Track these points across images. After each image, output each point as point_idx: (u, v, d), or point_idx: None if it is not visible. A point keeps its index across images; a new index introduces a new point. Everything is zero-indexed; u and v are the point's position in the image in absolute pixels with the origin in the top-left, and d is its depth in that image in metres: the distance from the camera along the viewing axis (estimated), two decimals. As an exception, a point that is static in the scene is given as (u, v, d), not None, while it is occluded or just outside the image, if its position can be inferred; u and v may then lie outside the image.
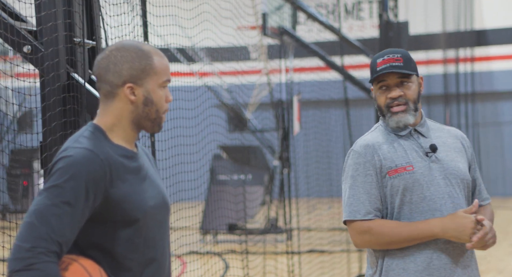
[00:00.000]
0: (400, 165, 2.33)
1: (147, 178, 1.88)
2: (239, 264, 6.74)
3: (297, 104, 7.13)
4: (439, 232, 2.27)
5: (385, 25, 8.74)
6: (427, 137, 2.40)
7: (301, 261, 6.69)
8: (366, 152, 2.35)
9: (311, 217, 9.76)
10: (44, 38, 2.63)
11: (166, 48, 7.63)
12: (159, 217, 1.88)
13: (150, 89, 1.87)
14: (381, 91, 2.37)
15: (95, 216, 1.79)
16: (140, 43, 1.91)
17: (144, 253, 1.83)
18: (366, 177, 2.33)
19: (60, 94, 2.59)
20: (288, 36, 8.35)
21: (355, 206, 2.33)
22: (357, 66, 10.32)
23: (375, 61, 2.38)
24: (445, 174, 2.36)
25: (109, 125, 1.87)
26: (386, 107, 2.36)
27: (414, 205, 2.31)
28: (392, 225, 2.30)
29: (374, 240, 2.31)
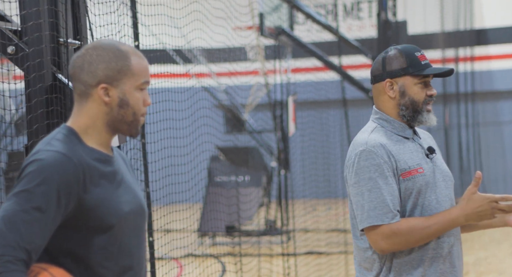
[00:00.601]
0: (412, 167, 2.25)
1: (123, 183, 1.82)
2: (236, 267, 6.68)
3: (292, 105, 7.07)
4: (463, 220, 2.21)
5: (383, 24, 8.69)
6: (421, 138, 2.35)
7: (297, 263, 6.62)
8: (382, 152, 2.23)
9: (308, 219, 9.70)
10: (27, 37, 2.56)
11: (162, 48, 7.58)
12: (135, 224, 1.82)
13: (126, 90, 1.79)
14: (421, 86, 2.27)
15: (67, 222, 1.72)
16: (118, 43, 1.84)
17: (118, 261, 1.76)
18: (387, 178, 2.22)
19: (44, 95, 2.52)
20: (286, 36, 8.29)
21: (381, 210, 2.20)
22: (355, 66, 10.26)
23: (413, 54, 2.28)
24: (443, 176, 2.32)
25: (83, 128, 1.80)
26: (424, 104, 2.27)
27: (425, 208, 2.24)
28: (417, 222, 2.21)
29: (404, 241, 2.20)
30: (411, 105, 2.28)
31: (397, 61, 2.28)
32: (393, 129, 2.31)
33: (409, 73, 2.26)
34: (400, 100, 2.29)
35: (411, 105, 2.28)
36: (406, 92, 2.29)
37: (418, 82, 2.28)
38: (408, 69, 2.26)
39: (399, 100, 2.29)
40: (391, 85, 2.29)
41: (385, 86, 2.29)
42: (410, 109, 2.29)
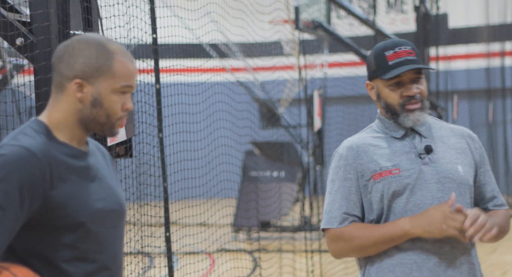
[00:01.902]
0: (385, 168, 2.14)
1: (97, 179, 1.75)
2: (268, 263, 6.63)
3: (318, 100, 6.95)
4: (409, 228, 2.07)
5: (422, 17, 8.48)
6: (426, 136, 2.20)
7: (324, 261, 6.52)
8: (348, 154, 2.18)
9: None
10: (36, 25, 2.56)
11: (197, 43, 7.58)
12: (110, 221, 1.75)
13: (101, 91, 1.72)
14: (393, 88, 2.15)
15: (33, 220, 1.66)
16: (108, 41, 1.76)
17: (91, 260, 1.70)
18: (345, 181, 2.17)
19: (48, 87, 2.51)
20: (322, 30, 8.17)
21: (332, 213, 2.16)
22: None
23: (382, 54, 2.14)
24: (438, 178, 2.15)
25: (55, 122, 1.74)
26: (401, 106, 2.15)
27: (399, 211, 2.12)
28: (364, 227, 2.13)
29: (347, 246, 2.13)
30: (387, 108, 2.19)
31: (370, 63, 2.20)
32: (385, 129, 2.21)
33: (376, 76, 2.17)
34: (379, 103, 2.21)
35: (387, 107, 2.19)
36: (380, 95, 2.20)
37: (387, 84, 2.15)
38: (376, 72, 2.16)
39: (378, 102, 2.21)
40: (372, 88, 2.21)
41: (367, 88, 2.23)
42: (389, 112, 2.19)
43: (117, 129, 1.76)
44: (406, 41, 2.20)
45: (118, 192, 1.80)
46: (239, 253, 7.72)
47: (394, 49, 2.15)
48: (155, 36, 3.70)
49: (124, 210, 1.81)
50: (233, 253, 7.54)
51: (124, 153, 3.00)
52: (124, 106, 1.75)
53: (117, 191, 1.80)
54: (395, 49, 2.15)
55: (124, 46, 3.47)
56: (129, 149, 2.98)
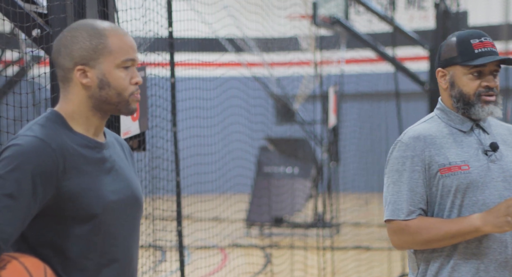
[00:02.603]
0: (454, 163, 2.09)
1: (113, 171, 1.73)
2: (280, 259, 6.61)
3: (333, 96, 6.90)
4: (480, 225, 2.02)
5: (442, 15, 8.37)
6: (489, 133, 2.16)
7: (336, 258, 6.49)
8: (416, 145, 2.11)
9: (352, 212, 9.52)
10: (52, 16, 2.55)
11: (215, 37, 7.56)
12: (124, 214, 1.73)
13: (105, 70, 1.70)
14: (473, 77, 2.11)
15: (46, 210, 1.65)
16: (96, 22, 1.75)
17: (102, 253, 1.69)
18: (413, 173, 2.10)
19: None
20: (340, 25, 8.11)
21: (398, 205, 2.11)
22: (412, 58, 9.95)
23: (468, 42, 2.11)
24: (504, 176, 2.12)
25: (70, 113, 1.73)
26: (477, 96, 2.11)
27: (465, 208, 2.08)
28: (431, 221, 2.08)
29: (411, 239, 2.10)
30: (461, 97, 2.14)
31: (449, 50, 2.14)
32: (449, 121, 2.16)
33: (457, 62, 2.12)
34: (451, 92, 2.15)
35: (460, 97, 2.14)
36: (455, 83, 2.14)
37: (468, 72, 2.11)
38: (457, 58, 2.12)
39: (450, 91, 2.15)
40: (443, 75, 2.16)
41: (437, 75, 2.18)
42: (461, 101, 2.14)
43: (133, 105, 1.74)
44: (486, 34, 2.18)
45: (135, 184, 1.79)
46: (251, 248, 7.71)
47: (480, 39, 2.13)
48: (171, 29, 3.68)
49: (141, 203, 1.80)
50: (245, 249, 7.53)
51: (138, 146, 2.99)
52: (132, 80, 1.73)
53: (134, 183, 1.79)
54: (481, 38, 2.13)
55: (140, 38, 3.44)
56: (142, 143, 2.97)
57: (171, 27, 3.67)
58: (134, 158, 1.90)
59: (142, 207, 1.81)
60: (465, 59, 2.10)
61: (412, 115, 10.06)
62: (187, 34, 4.53)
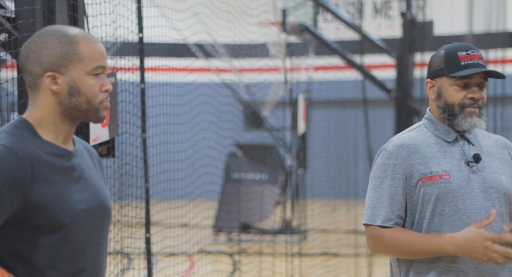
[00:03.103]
0: (435, 172, 2.12)
1: (82, 179, 1.71)
2: (248, 266, 6.61)
3: (302, 103, 6.96)
4: (451, 250, 2.08)
5: (408, 24, 8.52)
6: (474, 144, 2.19)
7: (305, 265, 6.52)
8: (399, 153, 2.16)
9: (320, 219, 9.57)
10: (20, 21, 2.52)
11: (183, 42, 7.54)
12: (92, 223, 1.71)
13: (75, 77, 1.69)
14: (459, 88, 2.14)
15: (14, 221, 1.62)
16: (65, 28, 1.73)
17: (71, 263, 1.66)
18: (394, 180, 2.15)
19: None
20: (309, 33, 8.18)
21: (377, 210, 2.16)
22: (379, 66, 10.09)
23: (455, 54, 2.14)
24: (485, 187, 2.14)
25: (38, 120, 1.70)
26: (461, 107, 2.14)
27: (446, 217, 2.11)
28: (405, 235, 2.12)
29: (385, 248, 2.15)
30: (446, 108, 2.17)
31: (438, 61, 2.19)
32: (435, 131, 2.20)
33: (444, 73, 2.16)
34: (438, 102, 2.19)
35: (446, 107, 2.17)
36: (442, 94, 2.18)
37: (454, 83, 2.15)
38: (444, 69, 2.16)
39: (437, 101, 2.19)
40: (432, 86, 2.21)
41: (426, 86, 2.22)
42: (446, 112, 2.18)
43: (103, 113, 1.73)
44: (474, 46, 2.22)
45: (103, 193, 1.77)
46: (219, 255, 7.69)
47: (468, 51, 2.16)
48: (141, 35, 3.67)
49: (109, 211, 1.78)
50: (213, 256, 7.51)
51: (107, 153, 2.96)
52: (103, 87, 1.72)
53: (103, 192, 1.77)
54: (469, 51, 2.16)
55: (110, 44, 3.42)
56: (111, 149, 2.94)
57: (141, 33, 3.65)
58: (103, 165, 1.88)
59: (111, 216, 1.79)
60: (452, 70, 2.15)
61: (379, 123, 10.19)
62: (158, 40, 4.52)
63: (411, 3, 8.44)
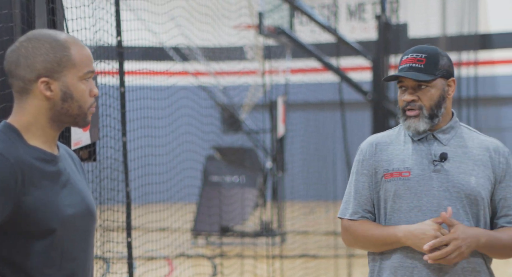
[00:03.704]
0: (396, 169, 2.20)
1: (68, 184, 1.72)
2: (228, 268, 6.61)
3: (282, 106, 7.00)
4: (402, 237, 2.15)
5: (383, 26, 8.60)
6: (445, 144, 2.21)
7: (286, 267, 6.55)
8: (368, 150, 2.26)
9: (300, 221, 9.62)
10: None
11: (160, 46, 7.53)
12: (81, 227, 1.72)
13: (68, 83, 1.69)
14: (401, 91, 2.23)
15: (4, 226, 1.61)
16: (55, 33, 1.74)
17: (61, 268, 1.66)
18: (361, 176, 2.25)
19: (8, 89, 2.45)
20: (285, 36, 8.22)
21: (347, 204, 2.27)
22: (355, 68, 10.17)
23: (401, 58, 2.22)
24: (446, 186, 2.17)
25: (25, 125, 1.70)
26: (402, 109, 2.22)
27: (403, 214, 2.17)
28: (368, 226, 2.21)
29: (352, 239, 2.25)
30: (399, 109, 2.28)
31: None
32: (408, 130, 2.25)
33: (389, 80, 2.25)
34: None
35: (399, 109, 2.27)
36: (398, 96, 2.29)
37: (399, 87, 2.23)
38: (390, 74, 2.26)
39: None
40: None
41: None
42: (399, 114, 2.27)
43: (89, 117, 1.75)
44: (428, 48, 2.22)
45: (88, 197, 1.77)
46: (199, 259, 7.68)
47: (408, 55, 2.21)
48: (120, 38, 3.66)
49: (95, 215, 1.78)
50: (193, 259, 7.49)
51: (88, 157, 2.95)
52: (92, 92, 1.74)
53: (87, 196, 1.77)
54: (409, 55, 2.21)
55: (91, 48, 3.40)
56: (93, 153, 2.93)
57: (120, 36, 3.64)
58: (84, 169, 1.88)
59: (96, 220, 1.80)
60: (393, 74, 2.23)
61: (357, 124, 10.26)
62: (137, 43, 4.51)
63: (385, 6, 8.53)
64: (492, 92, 13.44)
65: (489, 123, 13.40)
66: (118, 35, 3.63)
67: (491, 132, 14.57)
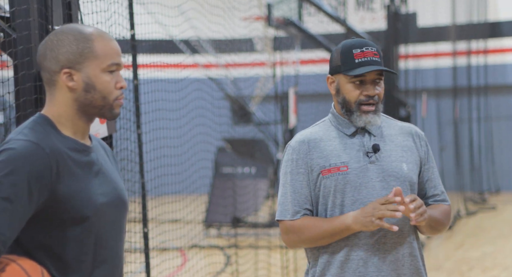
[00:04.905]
0: (334, 164, 2.20)
1: (101, 173, 1.77)
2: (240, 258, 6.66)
3: (293, 97, 7.02)
4: (350, 223, 2.15)
5: (392, 16, 8.60)
6: (375, 135, 2.25)
7: (297, 256, 6.60)
8: (300, 148, 2.23)
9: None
10: (15, 22, 2.54)
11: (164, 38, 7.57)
12: (113, 216, 1.77)
13: (90, 74, 1.74)
14: (354, 85, 2.20)
15: (40, 214, 1.68)
16: (82, 26, 1.79)
17: (94, 254, 1.73)
18: (297, 175, 2.23)
19: (32, 82, 2.50)
20: (294, 27, 8.23)
21: (285, 206, 2.24)
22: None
23: (350, 51, 2.19)
24: (383, 176, 2.21)
25: (56, 116, 1.76)
26: (357, 105, 2.21)
27: (346, 207, 2.19)
28: (312, 221, 2.21)
29: (297, 238, 2.22)
30: (344, 104, 2.24)
31: (335, 58, 2.25)
32: (338, 125, 2.27)
33: (340, 71, 2.22)
34: (337, 98, 2.25)
35: (344, 103, 2.24)
36: (340, 90, 2.24)
37: (350, 81, 2.20)
38: (341, 67, 2.22)
39: (336, 97, 2.26)
40: (332, 82, 2.26)
41: (328, 81, 2.28)
42: (345, 108, 2.24)
43: (117, 109, 1.78)
44: (373, 43, 2.26)
45: (120, 186, 1.82)
46: (212, 249, 7.74)
47: (362, 48, 2.20)
48: (133, 32, 3.70)
49: (127, 204, 1.83)
50: (206, 250, 7.56)
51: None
52: (117, 84, 1.77)
53: (120, 186, 1.82)
54: (363, 48, 2.20)
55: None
56: (110, 146, 2.98)
57: (133, 29, 3.69)
58: (117, 160, 1.93)
59: (128, 209, 1.85)
60: (347, 68, 2.19)
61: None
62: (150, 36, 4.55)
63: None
64: (502, 80, 13.38)
65: (500, 111, 13.36)
66: (132, 29, 3.68)
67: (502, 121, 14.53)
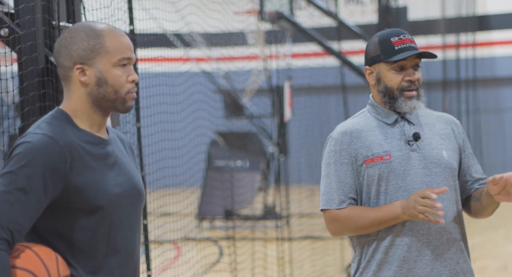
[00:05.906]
0: (377, 154, 2.26)
1: (116, 165, 1.83)
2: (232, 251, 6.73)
3: (288, 90, 7.08)
4: (399, 212, 2.20)
5: (383, 10, 8.67)
6: (414, 124, 2.32)
7: (292, 248, 6.67)
8: (343, 139, 2.29)
9: (305, 204, 9.74)
10: (20, 19, 2.57)
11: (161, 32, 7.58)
12: (127, 206, 1.83)
13: (102, 69, 1.81)
14: (395, 72, 2.27)
15: (56, 204, 1.75)
16: (93, 23, 1.85)
17: (108, 243, 1.79)
18: (342, 165, 2.29)
19: (36, 78, 2.52)
20: (286, 21, 8.26)
21: (331, 195, 2.30)
22: (356, 52, 10.23)
23: (388, 40, 2.27)
24: (425, 163, 2.27)
25: (73, 110, 1.83)
26: (400, 90, 2.27)
27: (389, 195, 2.25)
28: (360, 209, 2.27)
29: (343, 226, 2.27)
30: (386, 92, 2.29)
31: (373, 48, 2.30)
32: (377, 115, 2.32)
33: (380, 59, 2.28)
34: (378, 87, 2.31)
35: (386, 92, 2.29)
36: (381, 79, 2.30)
37: (391, 68, 2.27)
38: (380, 56, 2.28)
39: (377, 87, 2.31)
40: (371, 73, 2.32)
41: (366, 73, 2.34)
42: (387, 96, 2.29)
43: (130, 103, 1.83)
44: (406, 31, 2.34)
45: (136, 178, 1.88)
46: (205, 242, 7.80)
47: (399, 36, 2.29)
48: (132, 27, 3.72)
49: (142, 195, 1.89)
50: (199, 242, 7.61)
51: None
52: (129, 78, 1.82)
53: (136, 177, 1.88)
54: (400, 36, 2.29)
55: None
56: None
57: (132, 24, 3.71)
58: (134, 152, 1.98)
59: (144, 199, 1.91)
60: (387, 55, 2.26)
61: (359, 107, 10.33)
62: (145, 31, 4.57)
63: (386, -11, 8.58)
64: (490, 73, 13.51)
65: (488, 104, 13.51)
66: (131, 23, 3.70)
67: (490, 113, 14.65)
